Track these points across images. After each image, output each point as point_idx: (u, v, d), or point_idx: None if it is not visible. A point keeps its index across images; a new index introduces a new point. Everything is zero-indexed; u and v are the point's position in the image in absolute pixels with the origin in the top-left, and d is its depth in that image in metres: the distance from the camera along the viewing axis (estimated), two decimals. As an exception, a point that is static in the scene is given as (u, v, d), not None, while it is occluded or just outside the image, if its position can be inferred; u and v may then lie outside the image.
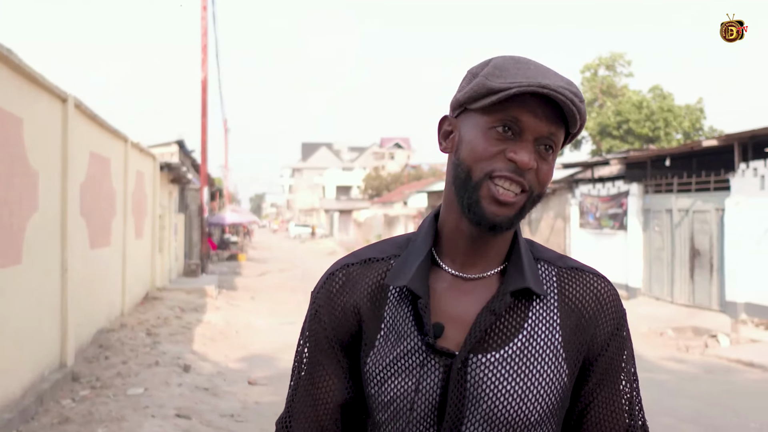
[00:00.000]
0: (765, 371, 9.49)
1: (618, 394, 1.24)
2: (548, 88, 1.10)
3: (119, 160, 12.33)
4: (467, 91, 1.18)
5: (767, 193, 13.80)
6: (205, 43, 23.70)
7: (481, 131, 1.15)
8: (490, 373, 1.15)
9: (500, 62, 1.17)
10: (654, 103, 33.64)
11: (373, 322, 1.23)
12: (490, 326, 1.17)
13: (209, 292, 16.40)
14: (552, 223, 23.22)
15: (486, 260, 1.22)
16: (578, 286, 1.24)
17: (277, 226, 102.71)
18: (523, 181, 1.13)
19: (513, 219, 1.15)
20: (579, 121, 1.15)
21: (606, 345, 1.22)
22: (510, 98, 1.12)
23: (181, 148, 23.78)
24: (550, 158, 1.16)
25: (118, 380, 7.69)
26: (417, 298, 1.18)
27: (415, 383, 1.17)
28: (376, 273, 1.26)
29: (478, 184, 1.14)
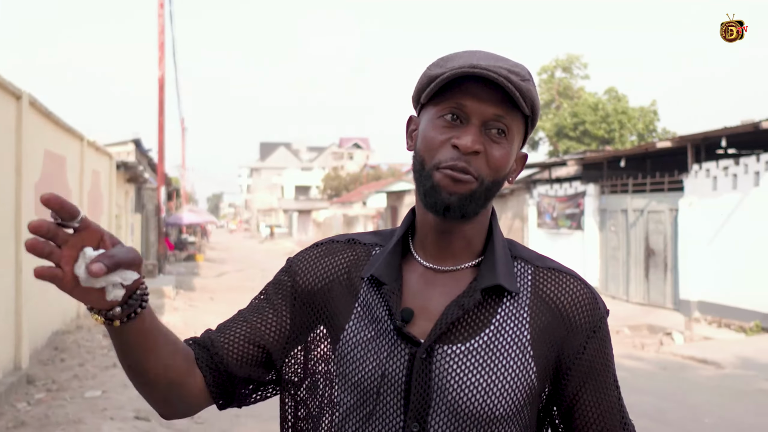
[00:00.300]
0: (718, 368, 9.71)
1: (607, 396, 1.23)
2: (479, 67, 1.11)
3: (75, 158, 12.12)
4: (416, 85, 1.22)
5: (719, 193, 14.12)
6: (162, 40, 23.44)
7: (432, 121, 1.17)
8: (455, 364, 1.16)
9: (449, 54, 1.20)
10: (609, 105, 34.19)
11: (347, 301, 1.25)
12: (457, 319, 1.17)
13: (167, 293, 16.22)
14: (510, 223, 23.44)
15: (456, 253, 1.23)
16: (554, 285, 1.23)
17: (235, 226, 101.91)
18: (469, 169, 1.13)
19: (464, 202, 1.15)
20: (524, 100, 1.14)
21: (583, 347, 1.21)
22: (454, 86, 1.14)
23: (137, 147, 23.50)
24: (503, 142, 1.16)
25: (74, 383, 7.56)
26: (382, 284, 1.21)
27: (382, 367, 1.18)
28: (356, 254, 1.30)
29: (429, 174, 1.16)
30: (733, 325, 13.43)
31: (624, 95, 35.10)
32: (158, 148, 23.24)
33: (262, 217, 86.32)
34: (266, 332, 1.27)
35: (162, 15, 23.36)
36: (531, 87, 1.16)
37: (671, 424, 6.90)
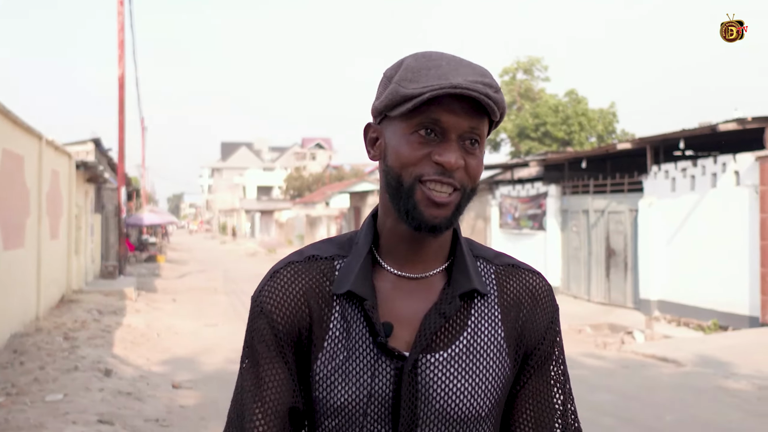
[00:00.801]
0: (678, 366, 9.88)
1: (549, 385, 1.27)
2: (460, 87, 1.10)
3: (33, 158, 11.91)
4: (383, 100, 1.18)
5: (678, 194, 14.38)
6: (122, 38, 23.10)
7: (404, 136, 1.15)
8: (440, 372, 1.16)
9: (412, 64, 1.16)
10: (569, 107, 34.59)
11: (320, 323, 1.21)
12: (438, 328, 1.17)
13: (128, 295, 15.99)
14: (473, 223, 23.58)
15: (427, 260, 1.22)
16: (516, 282, 1.26)
17: (196, 227, 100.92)
18: (453, 182, 1.14)
19: (451, 218, 1.16)
20: (498, 111, 1.15)
21: (541, 340, 1.26)
22: (427, 101, 1.12)
23: (97, 147, 23.11)
24: (477, 152, 1.17)
25: (35, 386, 7.42)
26: (363, 300, 1.17)
27: (368, 388, 1.16)
28: (320, 271, 1.24)
29: (411, 190, 1.14)
30: (691, 324, 13.68)
31: (584, 97, 35.53)
32: (118, 148, 22.89)
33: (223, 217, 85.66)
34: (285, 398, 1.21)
35: (122, 13, 23.04)
36: (501, 96, 1.16)
37: (634, 422, 7.00)
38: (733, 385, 8.64)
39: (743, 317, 12.70)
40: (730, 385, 8.68)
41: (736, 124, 12.84)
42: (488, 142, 38.38)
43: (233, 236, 63.91)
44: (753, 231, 12.53)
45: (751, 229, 12.56)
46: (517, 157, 30.86)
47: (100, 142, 23.75)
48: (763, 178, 12.34)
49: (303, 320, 1.21)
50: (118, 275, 21.05)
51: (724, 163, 13.23)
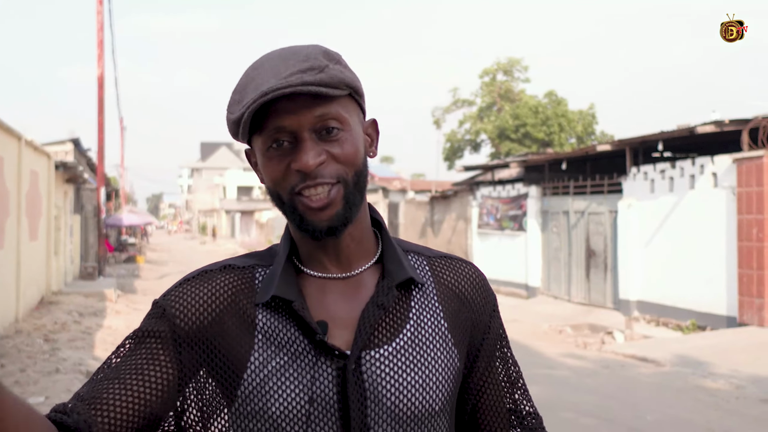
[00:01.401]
0: (658, 366, 9.99)
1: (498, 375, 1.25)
2: (271, 90, 1.03)
3: (12, 158, 11.82)
4: (228, 129, 1.14)
5: (657, 195, 14.52)
6: (101, 38, 22.96)
7: (264, 155, 1.11)
8: (387, 368, 1.10)
9: (239, 82, 1.12)
10: (549, 109, 34.80)
11: (241, 332, 1.12)
12: (378, 320, 1.12)
13: (108, 296, 15.90)
14: (454, 224, 23.66)
15: (350, 258, 1.17)
16: (451, 272, 1.23)
17: (176, 227, 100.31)
18: (324, 180, 1.08)
19: (343, 214, 1.10)
20: (333, 88, 1.07)
21: (488, 328, 1.23)
22: (263, 113, 1.07)
23: (76, 147, 22.94)
24: (340, 136, 1.09)
25: (16, 389, 7.37)
26: (290, 302, 1.11)
27: (308, 392, 1.08)
28: (237, 281, 1.17)
29: (291, 204, 1.10)
30: (670, 324, 13.83)
31: (564, 99, 35.77)
32: (98, 148, 22.73)
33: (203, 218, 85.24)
34: (152, 395, 1.08)
35: (101, 12, 22.89)
36: (332, 71, 1.08)
37: (615, 422, 7.08)
38: (712, 385, 8.75)
39: (721, 317, 12.85)
40: (709, 384, 8.80)
41: (713, 126, 12.99)
42: (468, 143, 38.56)
43: (213, 237, 63.63)
44: (730, 232, 12.69)
45: (729, 230, 12.72)
46: (498, 158, 30.99)
47: (79, 142, 23.59)
48: (740, 179, 12.50)
49: (216, 330, 1.13)
50: (97, 276, 20.93)
51: (702, 165, 13.38)
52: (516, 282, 19.69)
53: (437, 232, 24.99)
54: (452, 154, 38.82)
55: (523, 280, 19.36)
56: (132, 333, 1.14)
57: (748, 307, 12.30)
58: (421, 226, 26.01)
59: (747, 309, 12.32)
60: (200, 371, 1.13)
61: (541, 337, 12.53)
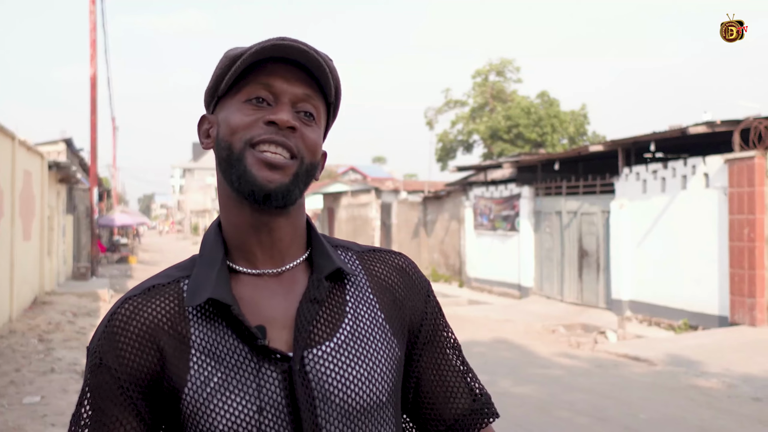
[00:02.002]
0: (650, 365, 10.05)
1: (450, 356, 1.25)
2: (287, 39, 1.07)
3: (6, 158, 11.81)
4: (212, 78, 1.14)
5: (649, 196, 14.60)
6: (94, 38, 22.92)
7: (236, 108, 1.10)
8: (331, 364, 1.09)
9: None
10: (542, 109, 34.91)
11: (177, 352, 1.08)
12: (314, 316, 1.10)
13: (102, 296, 15.89)
14: (447, 225, 23.70)
15: (282, 250, 1.14)
16: (381, 264, 1.23)
17: (168, 228, 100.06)
18: (288, 143, 1.07)
19: (289, 185, 1.08)
20: (331, 82, 1.12)
21: (424, 314, 1.23)
22: (257, 69, 1.09)
23: (69, 147, 22.92)
24: (313, 125, 1.12)
25: (11, 389, 7.37)
26: (226, 306, 1.07)
27: (256, 402, 1.05)
28: (165, 299, 1.12)
29: (241, 154, 1.07)
30: (662, 323, 13.91)
31: (556, 99, 35.90)
32: (90, 148, 22.70)
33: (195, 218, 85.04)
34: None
35: (94, 12, 22.84)
36: (334, 67, 1.13)
37: (609, 421, 7.12)
38: (704, 384, 8.82)
39: (713, 317, 12.94)
40: (701, 383, 8.86)
41: (705, 127, 13.07)
42: (461, 144, 38.63)
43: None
44: (722, 232, 12.77)
45: (720, 230, 12.81)
46: (490, 158, 31.10)
47: (71, 142, 23.57)
48: (731, 180, 12.59)
49: (151, 361, 1.09)
50: (90, 276, 20.91)
51: (694, 166, 13.46)
52: (509, 282, 19.75)
53: (430, 233, 25.03)
54: (445, 155, 38.90)
55: (515, 281, 19.42)
56: (80, 398, 1.11)
57: (739, 306, 12.39)
58: (414, 226, 26.04)
59: (738, 308, 12.41)
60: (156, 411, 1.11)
61: (534, 337, 12.58)
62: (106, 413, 1.08)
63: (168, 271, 1.18)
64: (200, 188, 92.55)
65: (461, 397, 1.23)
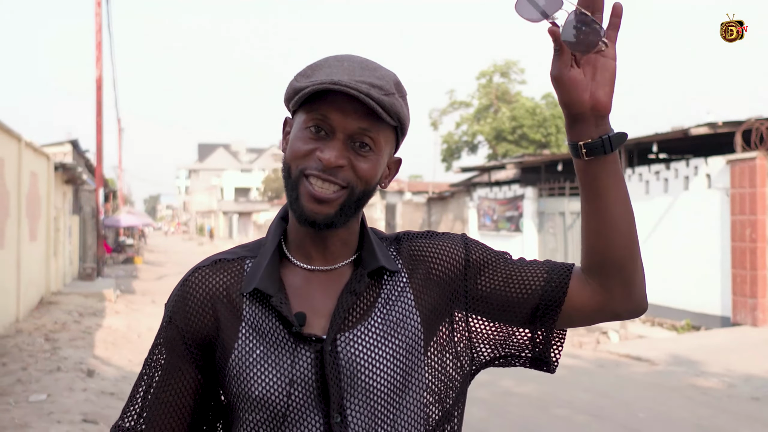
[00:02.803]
0: (651, 365, 10.10)
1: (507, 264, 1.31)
2: (340, 83, 1.13)
3: (12, 160, 11.91)
4: (285, 93, 1.24)
5: (652, 197, 14.65)
6: (99, 40, 23.05)
7: (300, 131, 1.20)
8: (360, 346, 1.20)
9: (320, 61, 1.22)
10: (546, 110, 34.92)
11: (231, 322, 1.25)
12: (351, 306, 1.22)
13: (107, 296, 16.00)
14: (451, 225, 23.77)
15: (334, 252, 1.26)
16: (419, 245, 1.32)
17: (174, 228, 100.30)
18: (336, 180, 1.17)
19: (333, 217, 1.19)
20: (388, 114, 1.17)
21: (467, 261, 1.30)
22: (321, 96, 1.16)
23: (74, 148, 23.04)
24: (369, 155, 1.19)
25: (18, 387, 7.47)
26: (269, 296, 1.22)
27: (289, 376, 1.18)
28: (228, 273, 1.29)
29: (296, 182, 1.19)
30: (665, 324, 13.96)
31: (560, 100, 35.86)
32: (96, 149, 22.83)
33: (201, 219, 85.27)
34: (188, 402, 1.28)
35: (99, 14, 22.97)
36: (395, 100, 1.18)
37: (608, 419, 7.19)
38: (704, 383, 8.88)
39: (715, 317, 12.98)
40: (701, 383, 8.92)
41: (707, 128, 13.13)
42: (465, 145, 38.68)
43: (211, 238, 63.69)
44: (724, 233, 12.82)
45: (723, 231, 12.86)
46: (495, 159, 31.12)
47: (77, 144, 23.69)
48: (733, 180, 12.64)
49: (209, 325, 1.26)
50: (96, 277, 21.03)
51: (696, 167, 13.51)
52: (512, 283, 19.79)
53: (434, 233, 25.11)
54: (449, 156, 38.93)
55: (519, 281, 19.47)
56: (153, 347, 1.31)
57: (741, 307, 12.44)
58: (419, 227, 26.13)
59: (740, 309, 12.45)
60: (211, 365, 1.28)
61: (536, 337, 12.64)
62: (171, 362, 1.28)
63: (235, 249, 1.33)
64: (206, 189, 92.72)
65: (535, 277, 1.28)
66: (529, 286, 1.28)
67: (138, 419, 1.28)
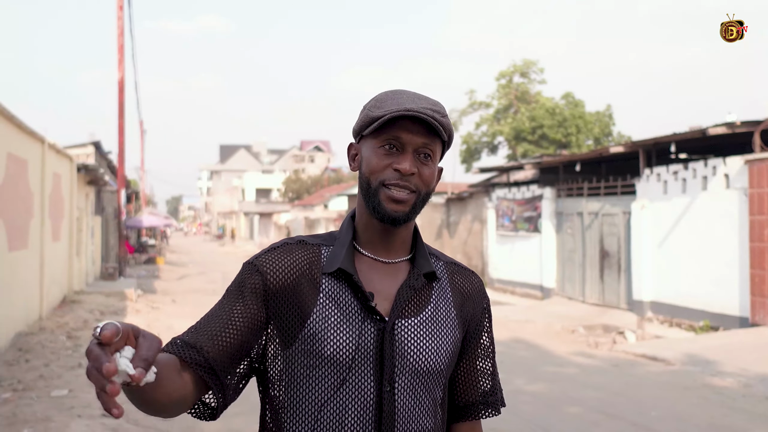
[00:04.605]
0: (666, 364, 10.10)
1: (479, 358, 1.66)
2: (412, 110, 1.45)
3: (36, 161, 12.14)
4: (359, 122, 1.54)
5: (670, 197, 14.62)
6: (121, 43, 23.34)
7: (374, 151, 1.49)
8: (412, 333, 1.49)
9: (381, 96, 1.53)
10: (566, 110, 34.82)
11: (310, 291, 1.49)
12: (409, 298, 1.52)
13: (129, 296, 16.21)
14: (470, 226, 23.79)
15: (396, 248, 1.57)
16: (460, 276, 1.66)
17: (195, 229, 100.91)
18: (409, 185, 1.47)
19: (408, 213, 1.49)
20: (444, 132, 1.49)
21: (478, 321, 1.65)
22: (390, 122, 1.46)
23: (97, 150, 23.34)
24: (429, 163, 1.50)
25: (40, 382, 7.65)
26: (350, 275, 1.48)
27: (356, 342, 1.45)
28: (309, 252, 1.55)
29: (376, 191, 1.48)
30: (683, 324, 13.92)
31: (581, 100, 35.79)
32: (118, 151, 23.11)
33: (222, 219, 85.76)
34: (245, 329, 1.46)
35: (121, 17, 23.26)
36: (448, 121, 1.51)
37: (620, 417, 7.23)
38: (719, 383, 8.88)
39: (734, 318, 12.93)
40: (716, 382, 8.92)
41: (725, 128, 13.08)
42: (485, 145, 38.71)
43: (232, 238, 64.06)
44: (743, 233, 12.77)
45: (741, 231, 12.81)
46: (514, 160, 31.08)
47: (100, 145, 23.98)
48: (752, 180, 12.59)
49: (294, 284, 1.49)
50: (118, 277, 21.28)
51: (715, 167, 13.47)
52: (531, 283, 19.82)
53: (453, 234, 25.14)
54: (469, 156, 38.94)
55: (538, 281, 19.48)
56: (232, 284, 1.52)
57: (760, 307, 12.38)
58: (437, 227, 26.17)
59: (759, 309, 12.40)
60: (271, 322, 1.48)
61: (552, 337, 12.67)
62: (242, 297, 1.49)
63: (311, 237, 1.60)
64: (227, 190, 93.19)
65: (472, 391, 1.65)
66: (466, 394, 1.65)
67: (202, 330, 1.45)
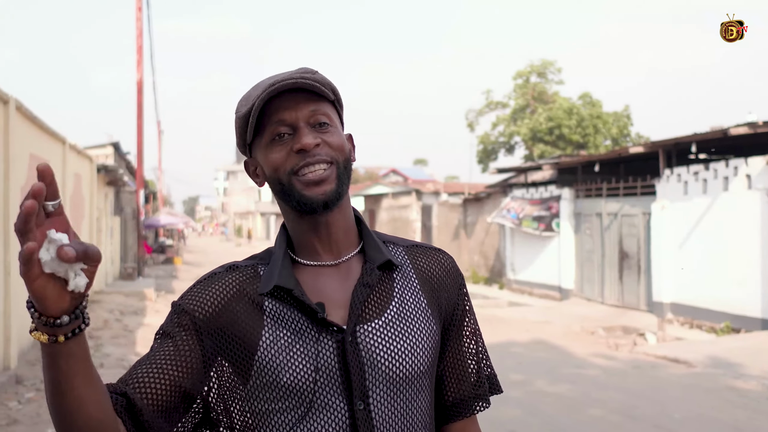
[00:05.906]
0: (688, 366, 10.02)
1: (466, 337, 1.45)
2: (276, 83, 1.27)
3: (57, 161, 12.23)
4: (236, 132, 1.37)
5: (690, 198, 14.50)
6: (140, 44, 23.48)
7: (267, 149, 1.31)
8: (379, 337, 1.29)
9: (243, 96, 1.35)
10: (584, 110, 34.64)
11: (252, 318, 1.30)
12: (366, 298, 1.32)
13: (148, 296, 16.30)
14: (487, 226, 23.73)
15: (338, 245, 1.36)
16: (425, 258, 1.45)
17: (212, 229, 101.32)
18: (322, 157, 1.28)
19: (336, 189, 1.30)
20: (325, 88, 1.31)
21: (456, 305, 1.44)
22: (266, 110, 1.29)
23: (116, 150, 23.50)
24: (330, 129, 1.32)
25: (62, 382, 7.69)
26: (290, 290, 1.29)
27: (314, 363, 1.26)
28: (241, 275, 1.35)
29: (290, 184, 1.29)
30: (704, 326, 13.80)
31: (598, 100, 35.59)
32: (137, 152, 23.26)
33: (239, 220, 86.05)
34: (181, 374, 1.25)
35: (140, 19, 23.40)
36: (322, 77, 1.33)
37: (642, 420, 7.17)
38: (743, 386, 8.79)
39: (756, 319, 12.80)
40: (740, 385, 8.83)
41: (747, 128, 12.96)
42: (502, 146, 38.56)
43: (249, 239, 64.28)
44: (764, 233, 12.64)
45: (763, 232, 12.68)
46: (531, 160, 30.96)
47: (119, 146, 24.15)
48: (774, 181, 12.45)
49: (227, 314, 1.30)
50: (137, 277, 21.41)
51: (736, 167, 13.35)
52: (549, 284, 19.73)
53: (470, 234, 25.08)
54: (486, 157, 38.81)
55: (556, 282, 19.39)
56: (159, 329, 1.32)
57: (782, 309, 12.25)
58: (454, 228, 26.13)
59: (781, 311, 12.26)
60: (218, 357, 1.29)
61: (572, 338, 12.60)
62: (172, 339, 1.28)
63: (246, 259, 1.41)
64: (243, 191, 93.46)
65: (464, 385, 1.44)
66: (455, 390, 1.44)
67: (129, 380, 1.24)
